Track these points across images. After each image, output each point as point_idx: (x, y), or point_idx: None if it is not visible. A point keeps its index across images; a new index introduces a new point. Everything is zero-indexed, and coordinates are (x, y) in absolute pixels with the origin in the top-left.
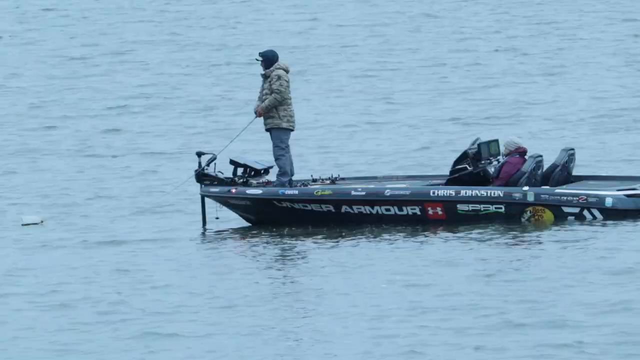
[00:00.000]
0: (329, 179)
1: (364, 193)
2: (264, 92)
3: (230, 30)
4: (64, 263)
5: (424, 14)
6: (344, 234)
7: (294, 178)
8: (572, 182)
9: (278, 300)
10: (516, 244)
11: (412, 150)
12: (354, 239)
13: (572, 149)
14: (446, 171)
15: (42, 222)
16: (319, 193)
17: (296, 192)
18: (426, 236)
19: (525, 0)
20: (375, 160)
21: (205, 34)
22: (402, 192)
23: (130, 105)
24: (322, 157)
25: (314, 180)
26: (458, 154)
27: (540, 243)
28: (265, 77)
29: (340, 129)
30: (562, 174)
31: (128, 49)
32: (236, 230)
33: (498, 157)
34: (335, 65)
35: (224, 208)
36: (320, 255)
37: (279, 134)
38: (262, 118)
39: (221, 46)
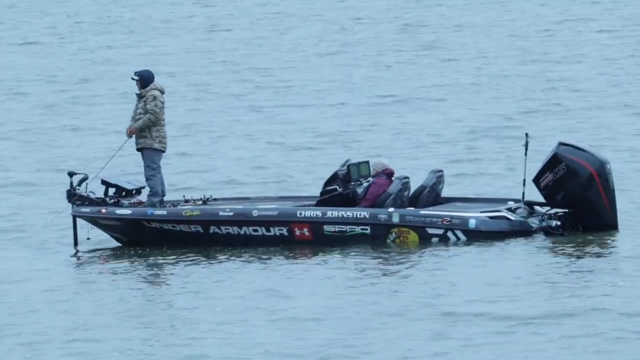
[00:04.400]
0: (201, 199)
1: (231, 214)
2: (138, 111)
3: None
4: None
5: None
6: (211, 254)
7: (165, 198)
8: (440, 203)
9: (141, 318)
10: (377, 266)
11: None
12: (220, 260)
13: (441, 171)
14: (317, 192)
15: None
16: (188, 214)
17: (165, 212)
18: (290, 257)
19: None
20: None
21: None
22: (269, 213)
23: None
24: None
25: (186, 201)
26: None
27: (402, 265)
28: (140, 96)
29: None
30: (431, 195)
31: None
32: (107, 251)
33: (368, 179)
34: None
35: (96, 228)
36: (183, 276)
37: (151, 154)
38: (134, 137)
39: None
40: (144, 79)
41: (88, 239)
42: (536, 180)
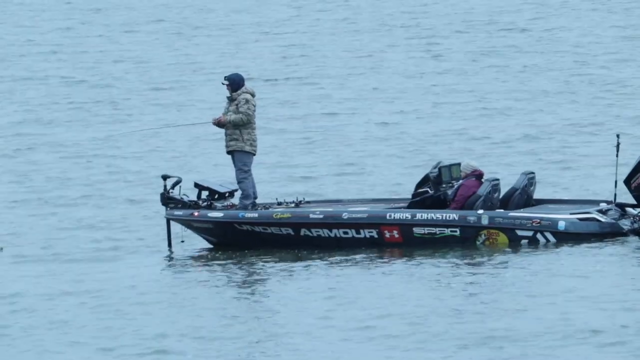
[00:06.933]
0: (294, 202)
1: (322, 216)
2: (229, 114)
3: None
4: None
5: None
6: (302, 257)
7: (259, 201)
8: (532, 205)
9: (241, 324)
10: (469, 268)
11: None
12: (310, 262)
13: (532, 173)
14: (409, 195)
15: (1, 249)
16: (278, 216)
17: (256, 215)
18: (381, 260)
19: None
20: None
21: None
22: (359, 215)
23: None
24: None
25: (279, 204)
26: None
27: (493, 266)
28: (231, 99)
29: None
30: (522, 197)
31: None
32: (201, 253)
33: (460, 181)
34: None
35: (189, 231)
36: (275, 278)
37: (242, 157)
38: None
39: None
40: (235, 83)
41: (182, 241)
42: (627, 182)
